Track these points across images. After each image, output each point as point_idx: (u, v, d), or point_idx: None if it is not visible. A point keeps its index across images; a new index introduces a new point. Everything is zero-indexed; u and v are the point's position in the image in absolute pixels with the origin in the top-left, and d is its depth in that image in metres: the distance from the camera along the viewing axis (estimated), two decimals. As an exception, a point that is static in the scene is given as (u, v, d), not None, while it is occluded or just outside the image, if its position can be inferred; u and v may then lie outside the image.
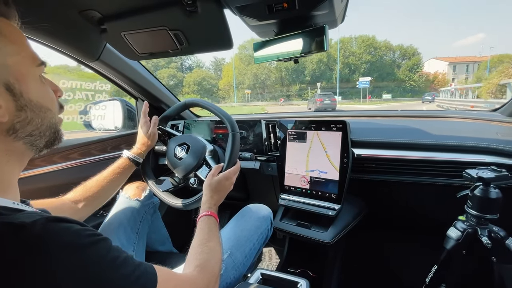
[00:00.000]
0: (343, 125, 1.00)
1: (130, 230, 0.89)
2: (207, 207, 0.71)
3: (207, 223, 0.67)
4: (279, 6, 0.64)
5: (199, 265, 0.55)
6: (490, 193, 0.71)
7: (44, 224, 0.32)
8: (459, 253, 0.78)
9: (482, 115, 1.19)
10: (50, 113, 0.44)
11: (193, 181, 0.95)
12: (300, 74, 42.62)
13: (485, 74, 30.12)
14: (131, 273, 0.38)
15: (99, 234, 0.38)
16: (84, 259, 0.34)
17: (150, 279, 0.40)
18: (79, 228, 0.36)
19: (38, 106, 0.42)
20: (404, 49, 41.41)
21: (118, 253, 0.38)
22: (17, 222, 0.32)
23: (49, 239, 0.32)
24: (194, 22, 0.70)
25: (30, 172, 0.95)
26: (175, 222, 1.52)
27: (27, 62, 0.41)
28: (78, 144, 1.12)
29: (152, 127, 0.96)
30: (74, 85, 1.33)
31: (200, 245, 0.60)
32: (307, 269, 1.25)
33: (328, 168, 1.03)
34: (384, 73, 40.40)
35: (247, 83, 43.35)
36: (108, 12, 0.75)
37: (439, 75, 37.68)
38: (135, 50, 0.85)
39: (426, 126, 1.10)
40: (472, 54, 43.84)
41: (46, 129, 0.44)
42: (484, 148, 0.89)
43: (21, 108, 0.39)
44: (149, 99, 1.40)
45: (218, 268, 0.58)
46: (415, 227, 1.28)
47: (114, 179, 0.82)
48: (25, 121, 0.40)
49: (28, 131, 0.41)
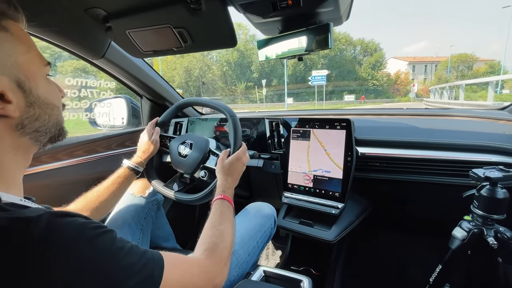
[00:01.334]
0: (347, 123, 1.00)
1: (135, 227, 0.90)
2: (221, 191, 0.71)
3: (220, 207, 0.66)
4: (284, 3, 0.63)
5: (208, 248, 0.55)
6: (497, 193, 0.70)
7: (49, 219, 0.33)
8: (464, 253, 0.77)
9: (489, 114, 1.17)
10: (57, 110, 0.46)
11: (204, 174, 0.93)
12: (246, 70, 33.98)
13: (445, 74, 29.67)
14: (137, 261, 0.38)
15: (103, 227, 0.38)
16: (90, 251, 0.34)
17: (157, 265, 0.41)
18: (84, 221, 0.36)
19: (46, 103, 0.43)
20: (365, 44, 36.19)
21: (123, 243, 0.39)
22: (23, 217, 0.32)
23: (54, 233, 0.33)
24: (198, 20, 0.70)
25: (36, 168, 0.96)
26: (179, 219, 1.53)
27: (36, 61, 0.43)
28: (83, 141, 1.13)
29: (154, 134, 0.96)
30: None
31: (210, 228, 0.60)
32: (310, 267, 1.25)
33: (332, 167, 1.03)
34: (345, 70, 35.22)
35: (177, 80, 32.61)
36: (113, 10, 0.76)
37: (401, 75, 34.76)
38: (140, 48, 0.85)
39: (431, 124, 1.09)
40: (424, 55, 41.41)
41: (52, 125, 0.45)
42: (491, 147, 0.88)
43: (31, 104, 0.41)
44: (153, 96, 1.40)
45: (227, 252, 0.57)
46: (419, 226, 1.27)
47: (115, 190, 0.82)
48: (33, 117, 0.42)
49: (35, 127, 0.42)
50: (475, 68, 29.49)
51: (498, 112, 1.19)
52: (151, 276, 0.39)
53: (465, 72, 28.72)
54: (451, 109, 1.30)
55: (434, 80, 30.98)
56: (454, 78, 28.22)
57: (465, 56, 30.17)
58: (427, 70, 35.64)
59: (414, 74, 35.14)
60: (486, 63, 29.87)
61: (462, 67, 29.25)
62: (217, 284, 0.52)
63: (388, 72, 35.62)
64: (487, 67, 28.78)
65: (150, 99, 1.43)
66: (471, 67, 29.34)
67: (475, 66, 29.66)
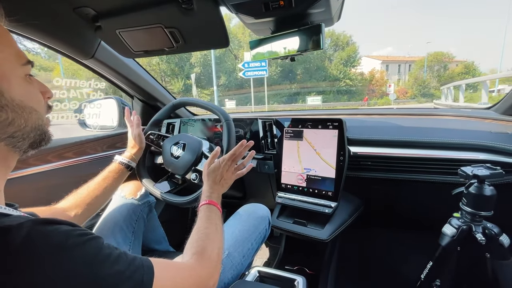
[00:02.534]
0: (340, 123, 1.01)
1: (126, 229, 0.88)
2: (206, 196, 0.70)
3: (205, 212, 0.65)
4: (276, 4, 0.63)
5: (196, 252, 0.54)
6: (485, 191, 0.72)
7: (31, 227, 0.31)
8: (454, 250, 0.79)
9: (476, 113, 1.21)
10: (36, 114, 0.43)
11: (195, 177, 0.93)
12: (185, 63, 24.77)
13: (422, 74, 27.71)
14: (126, 268, 0.37)
15: (90, 233, 0.37)
16: (75, 259, 0.33)
17: (147, 272, 0.40)
18: (68, 229, 0.35)
19: (21, 106, 0.40)
20: (336, 36, 29.14)
21: (110, 250, 0.38)
22: (2, 226, 0.31)
23: (37, 242, 0.31)
24: (190, 20, 0.70)
25: (23, 171, 0.93)
26: (172, 221, 1.51)
27: (11, 60, 0.40)
28: (72, 143, 1.11)
29: (135, 128, 0.94)
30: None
31: (196, 232, 0.59)
32: (304, 267, 1.26)
33: (324, 166, 1.04)
34: (313, 67, 27.36)
35: (85, 76, 17.74)
36: (103, 9, 0.74)
37: (376, 73, 29.91)
38: (130, 48, 0.84)
39: (420, 124, 1.11)
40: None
41: (30, 130, 0.42)
42: (478, 145, 0.90)
43: (1, 108, 0.37)
44: (145, 97, 1.39)
45: (216, 254, 0.56)
46: (410, 224, 1.29)
47: (107, 186, 0.80)
48: (5, 121, 0.38)
49: (9, 132, 0.39)
50: (451, 68, 28.13)
51: (484, 112, 1.22)
52: (141, 283, 0.38)
53: (441, 73, 27.39)
54: (440, 109, 1.33)
55: (410, 80, 28.96)
56: (430, 78, 27.16)
57: (441, 55, 28.32)
58: (400, 70, 32.85)
59: (388, 74, 31.86)
60: (459, 64, 28.47)
61: (438, 67, 27.86)
62: (210, 287, 0.52)
63: (362, 71, 30.57)
64: (463, 67, 27.44)
65: (141, 99, 1.41)
66: (447, 67, 27.97)
67: (450, 66, 28.29)
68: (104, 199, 0.81)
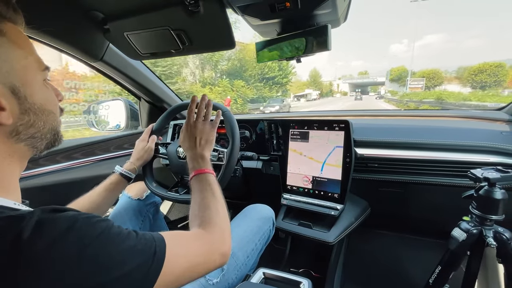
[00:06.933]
0: (346, 124, 1.00)
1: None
2: (191, 169, 0.68)
3: (196, 184, 0.64)
4: (282, 5, 0.63)
5: (201, 222, 0.54)
6: (496, 194, 0.70)
7: (41, 214, 0.33)
8: (463, 254, 0.77)
9: (486, 115, 1.18)
10: (53, 116, 0.45)
11: None
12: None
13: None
14: (138, 242, 0.38)
15: (98, 216, 0.38)
16: (86, 239, 0.34)
17: (159, 244, 0.41)
18: (76, 213, 0.36)
19: (41, 109, 0.42)
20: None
21: (120, 229, 0.39)
22: (15, 214, 0.33)
23: (48, 225, 0.32)
24: (196, 22, 0.70)
25: (34, 171, 0.96)
26: (178, 222, 1.53)
27: (34, 67, 0.42)
28: (81, 144, 1.13)
29: (150, 142, 0.96)
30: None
31: (196, 206, 0.59)
32: (310, 269, 1.25)
33: (331, 168, 1.03)
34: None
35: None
36: (111, 12, 0.76)
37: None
38: (138, 50, 0.85)
39: (429, 125, 1.09)
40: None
41: (47, 131, 0.44)
42: (489, 148, 0.88)
43: (25, 111, 0.40)
44: (152, 99, 1.40)
45: (223, 221, 0.56)
46: (418, 227, 1.27)
47: (106, 196, 0.81)
48: (28, 123, 0.41)
49: (30, 134, 0.42)
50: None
51: (495, 113, 1.19)
52: (154, 254, 0.39)
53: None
54: (449, 110, 1.31)
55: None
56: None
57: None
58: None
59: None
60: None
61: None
62: (224, 252, 0.52)
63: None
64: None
65: (148, 101, 1.43)
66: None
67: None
68: (104, 208, 0.82)
